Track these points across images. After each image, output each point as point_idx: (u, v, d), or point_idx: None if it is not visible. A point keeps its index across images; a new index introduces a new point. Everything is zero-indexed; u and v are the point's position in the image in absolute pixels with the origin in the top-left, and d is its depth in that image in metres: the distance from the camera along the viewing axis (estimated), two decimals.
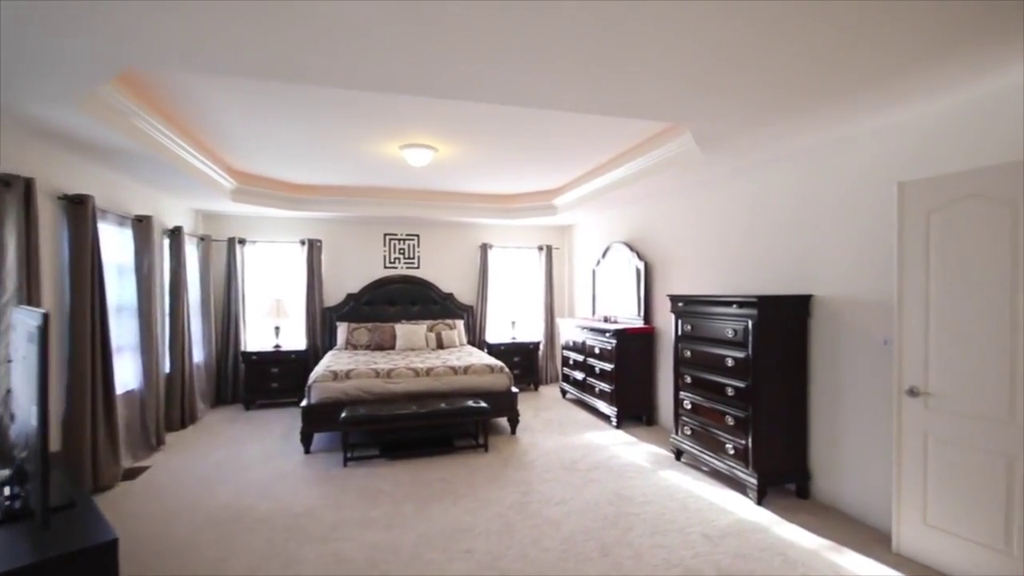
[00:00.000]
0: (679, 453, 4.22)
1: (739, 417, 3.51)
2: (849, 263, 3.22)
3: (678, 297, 4.15)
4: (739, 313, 3.50)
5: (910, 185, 2.67)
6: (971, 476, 2.44)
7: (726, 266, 4.32)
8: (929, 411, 2.60)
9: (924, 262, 2.62)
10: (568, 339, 6.43)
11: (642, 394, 5.31)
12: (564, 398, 6.58)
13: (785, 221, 3.71)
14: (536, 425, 5.33)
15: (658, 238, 5.32)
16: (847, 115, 2.87)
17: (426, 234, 7.23)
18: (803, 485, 3.48)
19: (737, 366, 3.53)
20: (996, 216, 2.35)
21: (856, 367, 3.18)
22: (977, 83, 2.43)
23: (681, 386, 4.15)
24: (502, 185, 5.97)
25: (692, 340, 4.01)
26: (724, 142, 3.36)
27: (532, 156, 4.67)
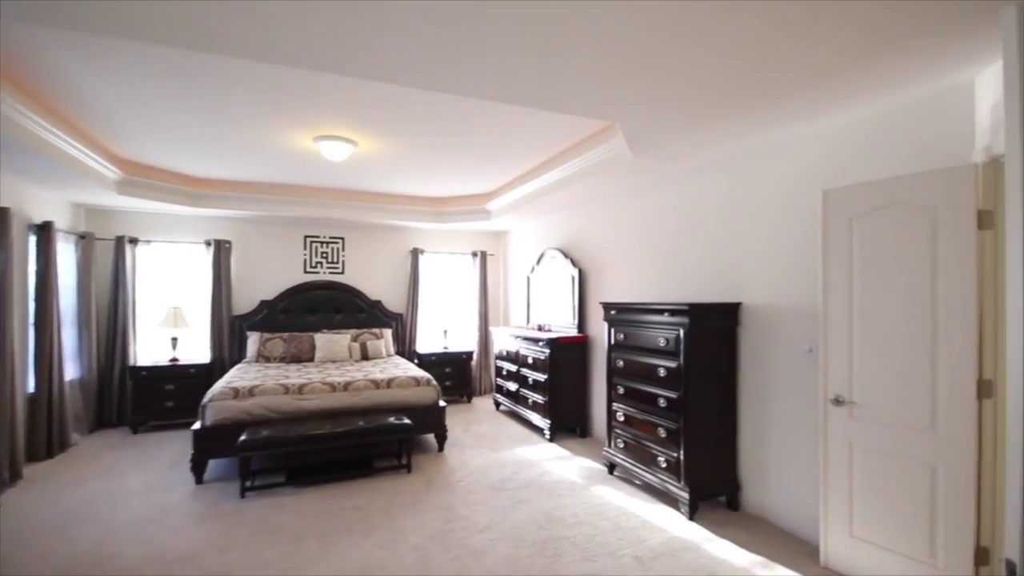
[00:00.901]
0: (612, 467, 4.07)
1: (671, 429, 3.40)
2: (776, 271, 3.21)
3: (610, 305, 4.03)
4: (671, 321, 3.40)
5: (834, 193, 2.66)
6: (895, 487, 2.42)
7: (660, 273, 4.25)
8: (854, 420, 2.57)
9: (847, 270, 2.61)
10: (501, 348, 6.19)
11: (576, 405, 5.16)
12: (498, 410, 6.32)
13: (715, 228, 3.68)
14: (466, 440, 5.02)
15: (593, 244, 5.22)
16: (774, 121, 2.85)
17: (352, 237, 6.76)
18: (733, 497, 3.42)
19: (669, 376, 3.42)
20: (916, 224, 2.36)
21: (783, 376, 3.15)
22: (903, 90, 2.45)
23: (614, 397, 4.01)
24: (433, 187, 5.66)
25: (625, 349, 3.89)
26: (655, 145, 3.27)
27: (463, 157, 4.41)
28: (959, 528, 2.20)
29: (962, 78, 2.30)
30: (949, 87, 2.36)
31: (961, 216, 2.22)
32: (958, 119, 2.33)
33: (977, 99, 2.26)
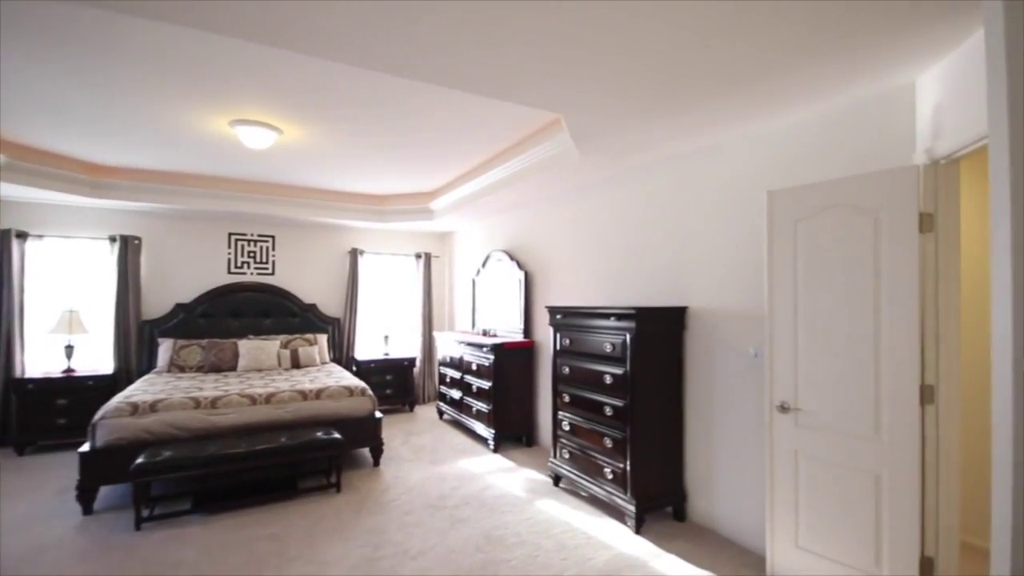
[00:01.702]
0: (557, 479, 3.89)
1: (617, 439, 3.25)
2: (723, 273, 3.13)
3: (556, 309, 3.85)
4: (617, 326, 3.26)
5: (778, 194, 2.60)
6: (840, 496, 2.35)
7: (608, 276, 4.13)
8: (799, 428, 2.50)
9: (792, 273, 2.54)
10: (445, 355, 5.90)
11: (522, 414, 4.95)
12: (441, 419, 6.02)
13: (662, 230, 3.59)
14: (405, 453, 4.70)
15: (540, 247, 5.05)
16: (718, 120, 2.76)
17: (284, 236, 6.27)
18: (680, 507, 3.31)
19: (615, 383, 3.27)
20: (859, 227, 2.31)
21: (730, 381, 3.07)
22: (846, 92, 2.40)
23: (559, 405, 3.83)
24: (373, 184, 5.31)
25: (571, 355, 3.72)
26: (601, 141, 3.12)
27: (403, 152, 4.12)
28: (904, 538, 2.15)
29: (904, 80, 2.27)
30: (891, 89, 2.34)
31: (903, 219, 2.18)
32: (900, 121, 2.31)
33: (918, 101, 2.24)
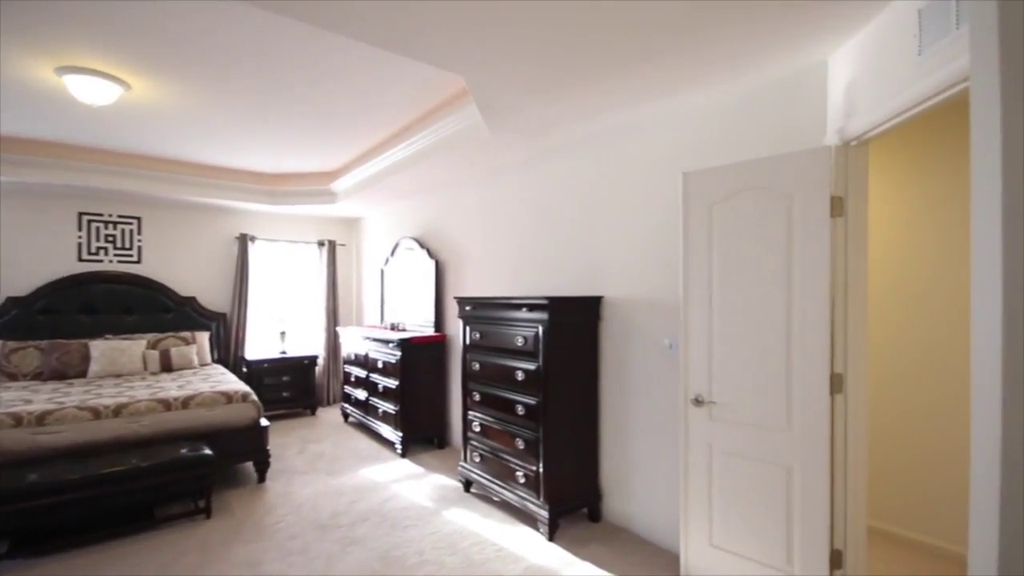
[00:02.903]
0: (468, 484, 3.59)
1: (529, 439, 3.01)
2: (639, 261, 2.98)
3: (465, 300, 3.53)
4: (529, 318, 3.01)
5: (694, 176, 2.46)
6: (753, 491, 2.26)
7: (523, 266, 3.87)
8: (714, 422, 2.38)
9: (707, 260, 2.41)
10: (349, 352, 5.38)
11: (433, 413, 4.59)
12: (346, 422, 5.50)
13: (578, 215, 3.38)
14: (299, 464, 4.17)
15: (452, 234, 4.69)
16: (633, 94, 2.57)
17: (153, 218, 5.38)
18: (595, 507, 3.14)
19: (528, 379, 3.02)
20: (773, 211, 2.21)
21: (646, 374, 2.93)
22: (759, 69, 2.29)
23: (469, 404, 3.53)
24: (262, 160, 4.66)
25: (481, 350, 3.42)
26: (510, 115, 2.83)
27: (295, 123, 3.58)
28: (814, 531, 2.09)
29: (816, 57, 2.19)
30: (805, 67, 2.26)
31: (815, 202, 2.10)
32: (815, 101, 2.23)
33: (831, 80, 2.17)
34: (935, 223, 2.75)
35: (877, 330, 2.90)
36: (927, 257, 2.78)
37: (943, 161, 2.72)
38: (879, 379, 2.91)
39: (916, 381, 2.80)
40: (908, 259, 2.85)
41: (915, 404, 2.81)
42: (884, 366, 2.90)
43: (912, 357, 2.82)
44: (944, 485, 2.69)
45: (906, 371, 2.83)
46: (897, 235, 2.88)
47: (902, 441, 2.83)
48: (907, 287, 2.84)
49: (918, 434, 2.79)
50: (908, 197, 2.84)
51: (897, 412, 2.85)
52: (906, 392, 2.83)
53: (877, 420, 2.90)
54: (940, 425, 2.72)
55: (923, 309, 2.79)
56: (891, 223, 2.90)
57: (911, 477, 2.80)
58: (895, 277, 2.89)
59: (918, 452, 2.79)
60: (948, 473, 2.68)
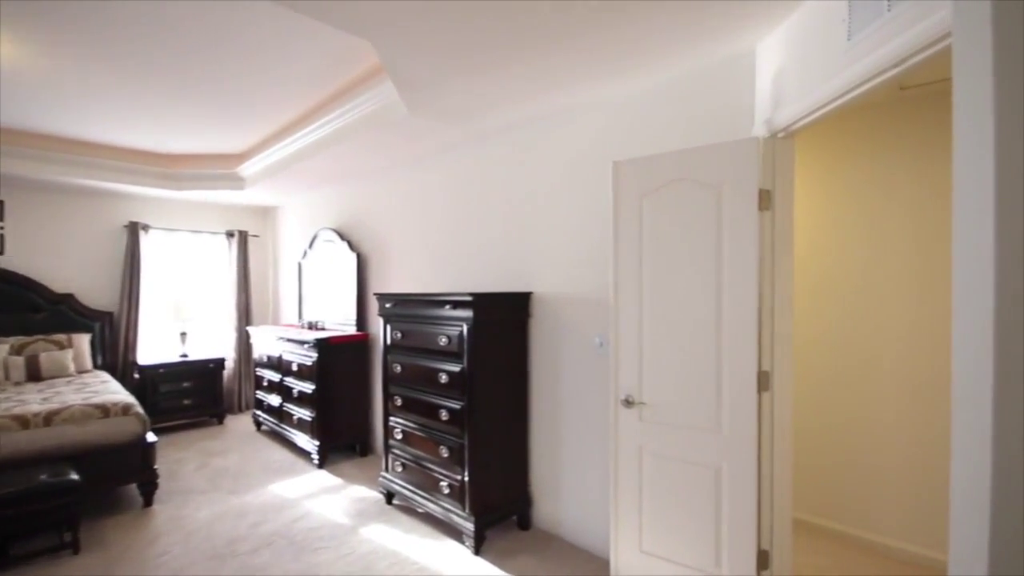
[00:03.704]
0: (390, 496, 3.32)
1: (454, 446, 2.79)
2: (570, 254, 2.83)
3: (386, 296, 3.25)
4: (454, 316, 2.78)
5: (624, 165, 2.33)
6: (683, 494, 2.18)
7: (450, 259, 3.63)
8: (644, 423, 2.28)
9: (638, 254, 2.30)
10: (262, 353, 4.90)
11: (355, 419, 4.26)
12: (259, 431, 5.02)
13: (506, 206, 3.19)
14: (197, 482, 3.71)
15: (375, 225, 4.35)
16: (560, 75, 2.40)
17: (18, 202, 4.60)
18: (525, 514, 2.99)
19: (452, 381, 2.81)
20: (703, 203, 2.12)
21: (577, 374, 2.80)
22: (688, 56, 2.19)
23: (391, 409, 3.26)
24: (156, 138, 4.09)
25: (403, 351, 3.16)
26: (429, 95, 2.58)
27: (189, 95, 3.13)
28: (742, 532, 2.03)
29: (744, 46, 2.12)
30: (733, 55, 2.18)
31: (743, 195, 2.03)
32: (744, 91, 2.17)
33: (758, 69, 2.11)
34: (859, 219, 2.81)
35: (799, 326, 2.94)
36: (851, 253, 2.84)
37: (868, 157, 2.78)
38: (800, 374, 2.96)
39: (837, 375, 2.87)
40: (831, 255, 2.90)
41: (836, 398, 2.87)
42: (806, 362, 2.95)
43: (832, 353, 2.88)
44: (864, 477, 2.77)
45: (827, 366, 2.89)
46: (821, 231, 2.92)
47: (823, 434, 2.90)
48: (829, 283, 2.90)
49: (838, 427, 2.86)
50: (832, 193, 2.89)
51: (818, 406, 2.91)
52: (827, 386, 2.89)
53: (798, 414, 2.95)
54: (860, 418, 2.79)
55: (843, 304, 2.85)
56: (815, 219, 2.94)
57: (833, 469, 2.87)
58: (817, 273, 2.93)
59: (839, 445, 2.86)
60: (868, 465, 2.76)
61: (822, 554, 2.67)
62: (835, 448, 2.86)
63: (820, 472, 2.89)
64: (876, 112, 2.71)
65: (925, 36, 1.28)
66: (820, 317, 2.90)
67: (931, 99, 2.55)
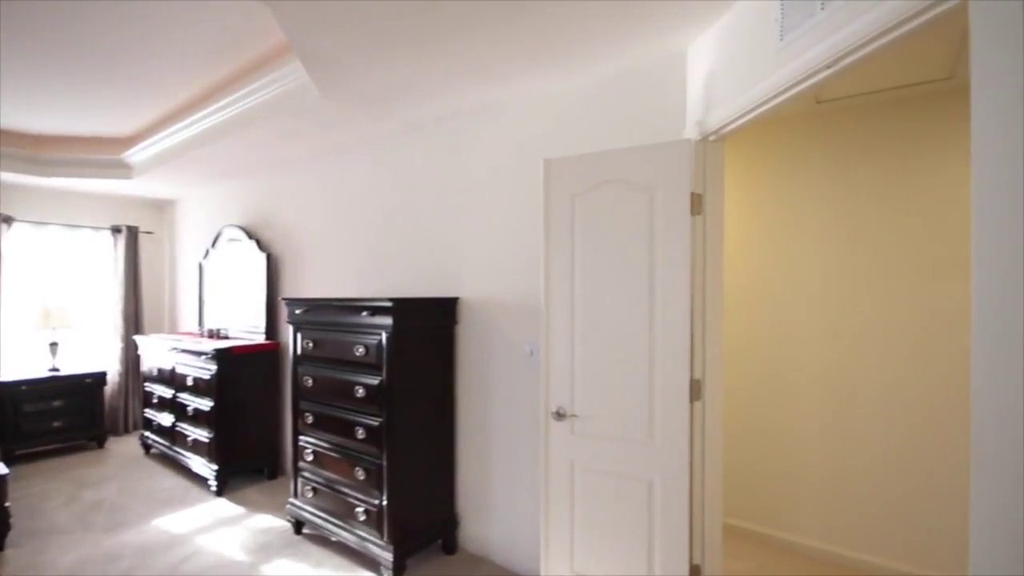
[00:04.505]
0: (300, 524, 2.97)
1: (371, 467, 2.53)
2: (500, 258, 2.67)
3: (296, 301, 2.92)
4: (372, 323, 2.53)
5: (556, 163, 2.21)
6: (615, 510, 2.07)
7: (372, 262, 3.34)
8: (576, 436, 2.16)
9: (570, 258, 2.18)
10: (153, 366, 4.32)
11: (263, 438, 3.83)
12: (148, 455, 4.40)
13: (434, 205, 2.98)
14: (64, 520, 3.14)
15: (289, 223, 3.96)
16: (484, 69, 2.25)
17: None
18: (451, 537, 2.77)
19: (370, 396, 2.54)
20: (636, 206, 2.04)
21: (508, 385, 2.64)
22: (620, 55, 2.11)
23: (301, 427, 2.92)
24: (21, 115, 3.45)
25: (316, 362, 2.84)
26: (342, 77, 2.32)
27: (59, 63, 2.61)
28: (674, 548, 1.96)
29: (676, 46, 2.07)
30: (665, 56, 2.13)
31: (675, 199, 1.97)
32: (676, 92, 2.11)
33: (690, 70, 2.07)
34: (781, 228, 2.87)
35: (726, 333, 2.97)
36: (773, 261, 2.90)
37: (790, 166, 2.84)
38: (726, 380, 2.98)
39: (760, 381, 2.92)
40: (755, 262, 2.95)
41: (758, 403, 2.92)
42: (730, 369, 2.98)
43: (756, 359, 2.93)
44: (786, 480, 2.82)
45: (750, 372, 2.94)
46: (744, 238, 2.97)
47: (746, 438, 2.93)
48: (752, 290, 2.95)
49: (761, 431, 2.91)
50: (757, 200, 2.95)
51: (741, 411, 2.94)
52: (750, 392, 2.94)
53: (723, 419, 2.97)
54: (782, 422, 2.85)
55: (766, 311, 2.91)
56: (738, 226, 2.98)
57: (756, 474, 2.91)
58: (741, 280, 2.97)
59: (762, 449, 2.90)
60: (790, 468, 2.81)
61: (746, 559, 2.68)
62: (758, 452, 2.90)
63: (744, 476, 2.92)
64: (797, 123, 2.79)
65: (858, 35, 1.24)
66: (743, 324, 2.94)
67: (847, 112, 2.65)
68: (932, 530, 2.43)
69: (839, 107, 2.65)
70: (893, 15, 1.15)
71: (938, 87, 2.40)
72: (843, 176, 2.68)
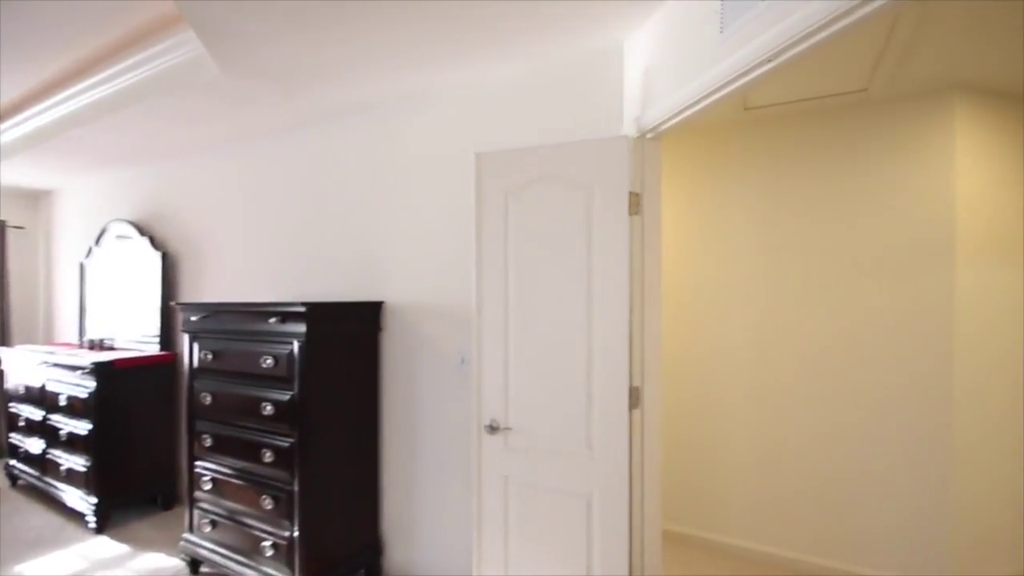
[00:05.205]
0: (196, 563, 2.59)
1: (281, 495, 2.24)
2: (429, 259, 2.48)
3: (192, 306, 2.56)
4: (282, 331, 2.24)
5: (488, 158, 2.05)
6: (552, 529, 1.94)
7: (286, 264, 3.02)
8: (510, 451, 2.01)
9: (503, 259, 2.03)
10: (19, 383, 3.68)
11: (155, 463, 3.35)
12: (15, 487, 3.75)
13: (357, 201, 2.73)
14: None
15: (189, 218, 3.52)
16: (410, 53, 2.06)
17: None
18: (374, 565, 2.52)
19: (280, 413, 2.25)
20: (572, 205, 1.93)
21: (437, 397, 2.44)
22: (557, 46, 1.99)
23: (198, 451, 2.56)
24: None
25: (216, 375, 2.50)
26: (243, 49, 2.03)
27: None
28: (613, 563, 1.85)
29: (612, 39, 1.99)
30: (602, 48, 2.04)
31: (614, 198, 1.88)
32: (613, 87, 2.03)
33: (627, 64, 1.99)
34: (712, 232, 2.89)
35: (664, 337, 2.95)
36: (703, 264, 2.91)
37: (721, 170, 2.86)
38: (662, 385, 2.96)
39: (693, 385, 2.92)
40: (688, 266, 2.95)
41: (692, 406, 2.91)
42: (664, 373, 2.96)
43: (688, 363, 2.92)
44: (718, 482, 2.83)
45: (684, 377, 2.93)
46: (675, 242, 2.96)
47: (680, 442, 2.92)
48: (685, 294, 2.94)
49: (694, 434, 2.90)
50: (692, 203, 2.95)
51: (675, 415, 2.93)
52: (684, 395, 2.93)
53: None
54: (713, 425, 2.86)
55: (697, 315, 2.92)
56: (675, 229, 2.97)
57: (690, 477, 2.90)
58: (674, 284, 2.96)
59: (695, 452, 2.90)
60: (722, 470, 2.83)
61: (681, 564, 2.66)
62: (690, 456, 2.90)
63: (677, 480, 2.91)
64: (726, 130, 2.83)
65: (800, 27, 1.19)
66: (675, 328, 2.93)
67: (774, 120, 2.71)
68: (854, 527, 2.51)
69: (766, 115, 2.71)
70: (834, 7, 1.10)
71: (855, 98, 2.50)
72: (770, 183, 2.73)
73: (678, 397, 2.92)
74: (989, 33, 1.90)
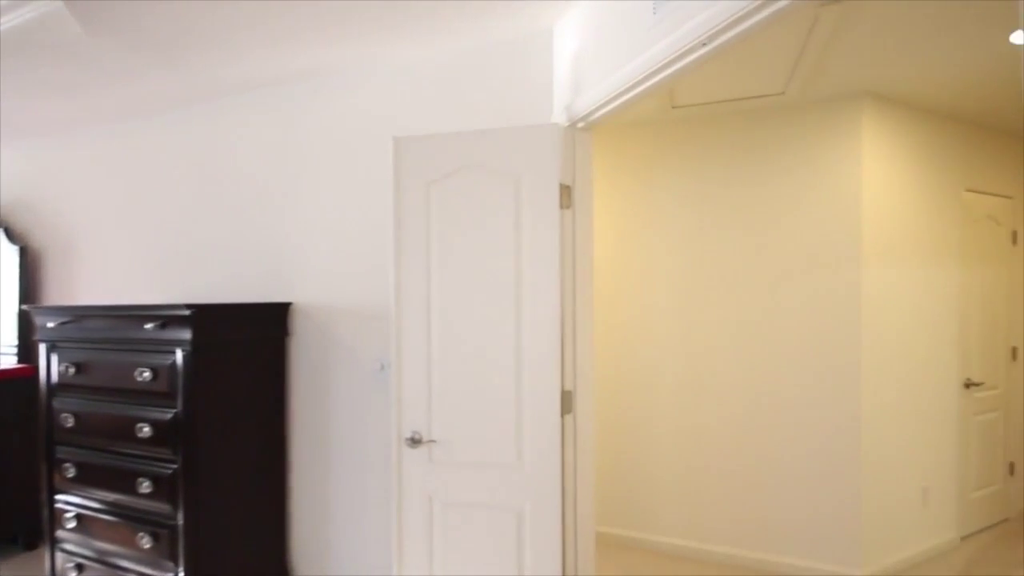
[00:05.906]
0: None
1: (163, 530, 1.91)
2: (343, 255, 2.24)
3: (49, 310, 2.14)
4: (163, 338, 1.91)
5: (408, 143, 1.87)
6: (480, 549, 1.79)
7: (178, 260, 2.63)
8: (434, 465, 1.83)
9: (425, 255, 1.86)
10: None
11: (14, 498, 2.81)
12: None
13: (260, 190, 2.43)
14: None
15: (58, 207, 3.00)
16: (311, 25, 1.83)
17: None
18: None
19: (160, 434, 1.92)
20: (500, 196, 1.79)
21: (353, 408, 2.21)
22: (482, 26, 1.85)
23: (60, 483, 2.14)
24: None
25: (81, 392, 2.10)
26: (113, 9, 1.71)
27: None
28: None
29: (541, 22, 1.88)
30: (531, 32, 1.93)
31: (544, 190, 1.76)
32: (543, 72, 1.92)
33: (556, 50, 1.89)
34: (637, 230, 2.87)
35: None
36: (630, 262, 2.89)
37: (645, 170, 2.86)
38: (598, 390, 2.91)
39: (621, 384, 2.88)
40: (617, 263, 2.91)
41: (620, 406, 2.88)
42: (596, 372, 2.91)
43: (616, 361, 2.89)
44: (647, 481, 2.81)
45: (612, 376, 2.89)
46: (608, 239, 2.92)
47: (609, 443, 2.87)
48: (613, 292, 2.91)
49: (622, 434, 2.87)
50: (618, 200, 2.91)
51: (604, 415, 2.88)
52: (613, 395, 2.89)
53: None
54: (641, 424, 2.84)
55: (626, 313, 2.89)
56: (603, 225, 2.92)
57: (620, 477, 2.87)
58: (601, 281, 2.92)
59: (623, 452, 2.86)
60: (650, 469, 2.81)
61: (614, 565, 2.61)
62: (619, 455, 2.87)
63: (607, 481, 2.86)
64: (654, 128, 2.82)
65: (734, 9, 1.12)
66: (601, 326, 2.88)
67: (699, 120, 2.74)
68: (771, 518, 2.58)
69: (691, 114, 2.73)
70: None
71: (773, 101, 2.57)
72: (694, 184, 2.76)
73: (604, 394, 2.87)
74: (901, 39, 1.99)
